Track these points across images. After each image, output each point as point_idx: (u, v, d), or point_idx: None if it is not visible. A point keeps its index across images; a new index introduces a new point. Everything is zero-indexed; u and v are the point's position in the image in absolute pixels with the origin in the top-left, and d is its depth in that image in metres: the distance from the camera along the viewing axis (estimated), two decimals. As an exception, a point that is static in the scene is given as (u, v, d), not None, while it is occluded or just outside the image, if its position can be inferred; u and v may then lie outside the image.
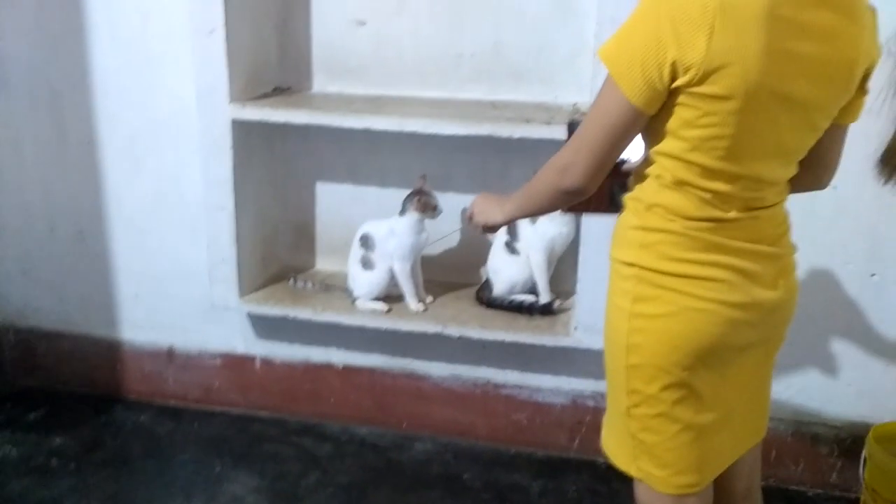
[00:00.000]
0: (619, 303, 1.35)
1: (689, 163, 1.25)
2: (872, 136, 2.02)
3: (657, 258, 1.29)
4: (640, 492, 1.45)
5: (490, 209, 1.54)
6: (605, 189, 1.45)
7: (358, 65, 2.43)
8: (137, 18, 2.41)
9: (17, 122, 2.61)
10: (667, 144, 1.26)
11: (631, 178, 1.38)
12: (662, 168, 1.28)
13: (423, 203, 2.27)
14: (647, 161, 1.33)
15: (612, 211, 1.44)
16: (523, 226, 2.31)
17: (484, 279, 2.45)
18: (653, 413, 1.35)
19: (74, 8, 2.44)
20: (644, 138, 1.32)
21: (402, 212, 2.30)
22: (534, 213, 1.56)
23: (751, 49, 1.14)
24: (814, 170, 1.41)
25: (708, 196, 1.25)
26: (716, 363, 1.32)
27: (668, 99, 1.22)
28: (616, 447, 1.45)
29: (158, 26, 2.39)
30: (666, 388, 1.32)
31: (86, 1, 2.43)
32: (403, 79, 2.41)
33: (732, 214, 1.27)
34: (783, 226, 1.37)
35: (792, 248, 1.39)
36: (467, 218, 1.61)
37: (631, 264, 1.32)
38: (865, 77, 1.31)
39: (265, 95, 2.40)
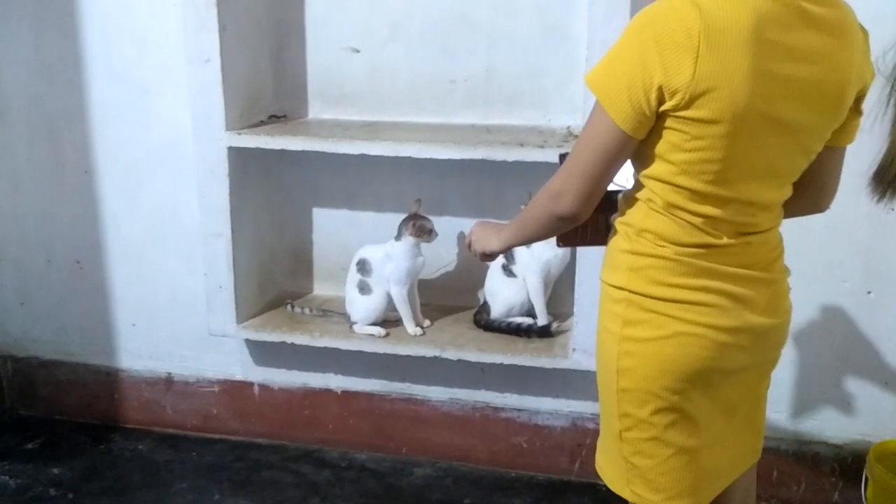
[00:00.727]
0: (610, 326, 1.35)
1: (677, 187, 1.25)
2: (865, 153, 2.01)
3: (647, 283, 1.29)
4: (635, 516, 1.44)
5: (487, 237, 1.56)
6: (601, 221, 1.45)
7: (353, 92, 2.45)
8: (133, 49, 2.43)
9: (14, 152, 2.63)
10: (655, 168, 1.26)
11: (621, 202, 1.39)
12: (652, 192, 1.28)
13: (419, 228, 2.28)
14: (636, 185, 1.33)
15: (607, 243, 1.44)
16: (519, 249, 2.31)
17: (481, 302, 2.45)
18: (645, 437, 1.34)
19: (71, 39, 2.47)
20: (633, 162, 1.32)
21: (398, 236, 2.31)
22: (530, 240, 1.57)
23: (737, 72, 1.15)
24: (812, 193, 1.41)
25: (699, 221, 1.25)
26: (707, 387, 1.32)
27: (655, 123, 1.22)
28: (610, 470, 1.45)
29: (154, 56, 2.42)
30: (657, 412, 1.32)
31: (82, 32, 2.46)
32: (398, 105, 2.43)
33: (724, 241, 1.26)
34: (776, 250, 1.37)
35: (785, 272, 1.39)
36: (465, 246, 1.63)
37: (621, 288, 1.32)
38: (859, 99, 1.31)
39: (261, 123, 2.42)
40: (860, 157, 2.00)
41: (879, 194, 2.06)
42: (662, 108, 1.19)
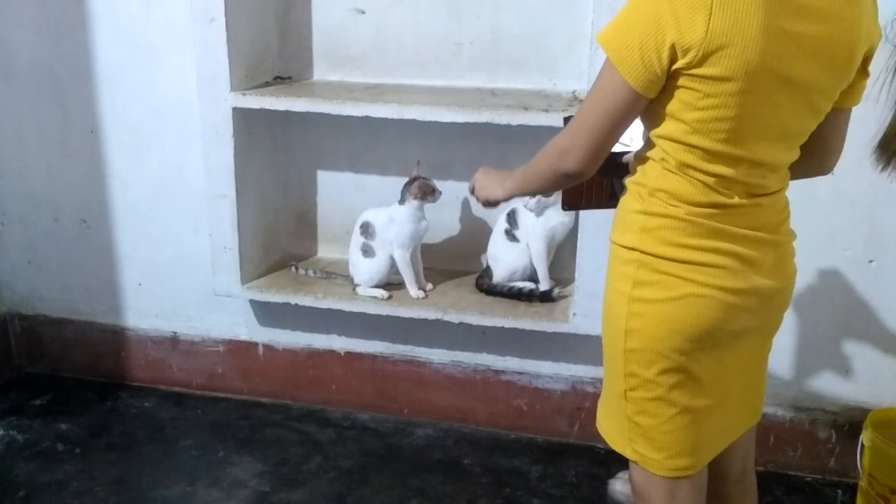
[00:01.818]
0: (619, 287, 1.35)
1: (690, 146, 1.25)
2: (870, 122, 2.01)
3: (658, 243, 1.30)
4: (635, 474, 1.46)
5: (491, 185, 1.57)
6: (605, 183, 1.45)
7: (358, 53, 2.45)
8: (139, 8, 2.42)
9: (21, 111, 2.63)
10: (667, 127, 1.27)
11: (632, 163, 1.39)
12: (664, 152, 1.28)
13: (421, 188, 2.28)
14: (648, 145, 1.33)
15: (612, 205, 1.43)
16: (523, 214, 2.32)
17: (484, 266, 2.46)
18: (650, 397, 1.36)
19: (77, -2, 2.46)
20: (644, 122, 1.32)
21: (402, 200, 2.31)
22: (533, 193, 1.58)
23: (749, 29, 1.15)
24: (818, 154, 1.41)
25: (711, 181, 1.26)
26: (713, 348, 1.33)
27: (667, 82, 1.22)
28: (612, 429, 1.46)
29: (160, 15, 2.41)
30: (663, 372, 1.33)
31: (88, -9, 2.45)
32: (403, 67, 2.42)
33: (736, 200, 1.27)
34: (783, 213, 1.37)
35: (791, 236, 1.40)
36: (469, 191, 1.64)
37: (632, 248, 1.33)
38: (866, 59, 1.31)
39: (266, 84, 2.42)
40: (865, 126, 2.01)
41: (883, 163, 2.07)
42: (675, 66, 1.19)
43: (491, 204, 1.59)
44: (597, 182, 1.36)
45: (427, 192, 2.29)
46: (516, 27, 2.31)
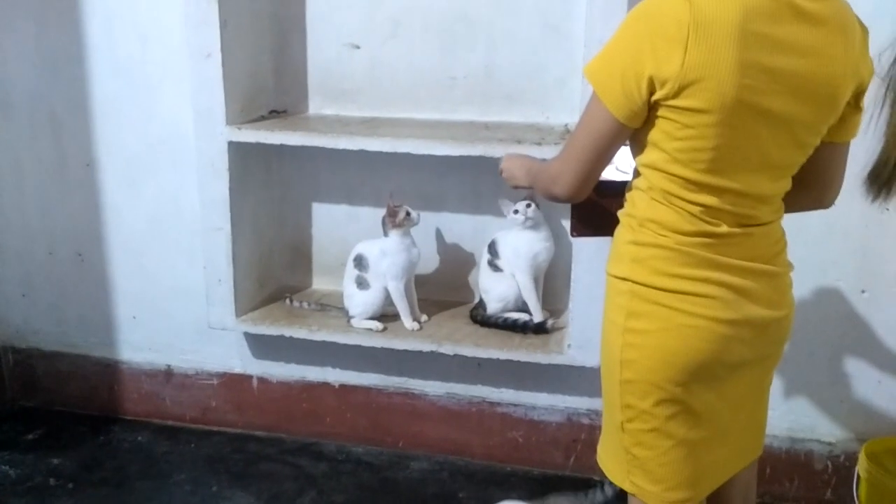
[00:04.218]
0: (614, 318, 1.37)
1: (671, 175, 1.28)
2: (860, 153, 2.03)
3: (650, 273, 1.31)
4: (633, 507, 1.46)
5: (516, 173, 1.64)
6: (613, 211, 1.48)
7: (353, 88, 2.47)
8: (136, 43, 2.45)
9: (17, 145, 2.64)
10: (650, 156, 1.30)
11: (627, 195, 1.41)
12: (650, 181, 1.31)
13: (390, 213, 2.29)
14: (635, 174, 1.37)
15: None
16: (503, 244, 2.32)
17: (478, 298, 2.46)
18: (646, 428, 1.36)
19: (74, 33, 2.48)
20: (632, 150, 1.36)
21: (385, 234, 2.33)
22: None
23: (723, 63, 1.18)
24: (815, 188, 1.43)
25: (696, 210, 1.28)
26: (710, 380, 1.34)
27: (650, 112, 1.26)
28: (610, 462, 1.47)
29: (156, 51, 2.44)
30: (659, 403, 1.33)
31: (85, 26, 2.47)
32: (397, 101, 2.44)
33: (724, 229, 1.28)
34: (779, 244, 1.39)
35: (788, 266, 1.41)
36: (499, 172, 1.70)
37: (624, 279, 1.34)
38: (858, 95, 1.33)
39: (261, 118, 2.44)
40: (856, 158, 2.00)
41: (874, 194, 2.08)
42: (654, 97, 1.23)
43: (516, 187, 1.68)
44: (606, 209, 1.40)
45: (400, 217, 2.28)
46: (509, 62, 2.34)
